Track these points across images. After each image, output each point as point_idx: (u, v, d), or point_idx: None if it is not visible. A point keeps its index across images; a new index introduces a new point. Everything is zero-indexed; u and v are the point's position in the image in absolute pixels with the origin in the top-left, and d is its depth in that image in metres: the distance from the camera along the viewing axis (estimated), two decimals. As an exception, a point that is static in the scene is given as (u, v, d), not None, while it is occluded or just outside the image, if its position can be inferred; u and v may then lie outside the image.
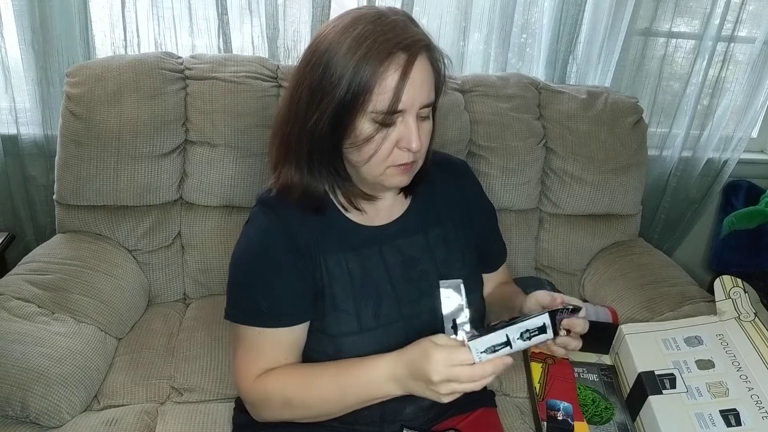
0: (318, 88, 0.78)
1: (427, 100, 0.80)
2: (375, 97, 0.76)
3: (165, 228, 1.49)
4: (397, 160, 0.82)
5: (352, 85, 0.76)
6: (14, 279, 1.28)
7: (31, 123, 1.65)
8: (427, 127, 0.84)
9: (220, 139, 1.46)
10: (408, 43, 0.76)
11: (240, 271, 0.90)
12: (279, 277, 0.87)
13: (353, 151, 0.82)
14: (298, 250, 0.88)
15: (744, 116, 1.97)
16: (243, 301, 0.90)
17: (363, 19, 0.77)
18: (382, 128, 0.79)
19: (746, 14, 1.83)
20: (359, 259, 0.91)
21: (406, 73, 0.76)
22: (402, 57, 0.76)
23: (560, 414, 1.08)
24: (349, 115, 0.78)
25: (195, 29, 1.66)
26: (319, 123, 0.80)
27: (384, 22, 0.77)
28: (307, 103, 0.80)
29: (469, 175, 1.07)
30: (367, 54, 0.75)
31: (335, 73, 0.77)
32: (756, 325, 1.18)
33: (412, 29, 0.79)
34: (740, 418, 1.03)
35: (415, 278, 0.94)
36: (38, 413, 1.06)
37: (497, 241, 1.14)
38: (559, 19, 1.77)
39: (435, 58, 0.81)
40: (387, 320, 0.90)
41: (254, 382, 0.89)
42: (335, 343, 0.89)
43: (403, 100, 0.77)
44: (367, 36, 0.75)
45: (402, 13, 0.81)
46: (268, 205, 0.91)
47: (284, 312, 0.88)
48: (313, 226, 0.89)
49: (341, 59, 0.76)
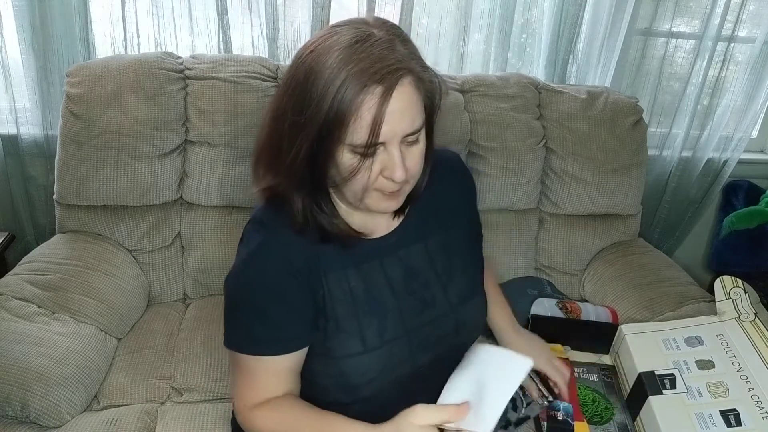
0: (297, 120, 0.75)
1: (410, 129, 0.75)
2: (351, 131, 0.72)
3: (165, 228, 1.49)
4: (383, 187, 0.78)
5: (327, 119, 0.72)
6: (14, 279, 1.28)
7: (31, 123, 1.65)
8: (416, 151, 0.78)
9: (220, 139, 1.46)
10: (385, 74, 0.70)
11: (236, 297, 0.87)
12: (278, 304, 0.84)
13: (338, 180, 0.78)
14: (298, 272, 0.83)
15: (744, 116, 1.97)
16: (240, 328, 0.86)
17: (340, 44, 0.72)
18: (363, 159, 0.75)
19: (746, 14, 1.83)
20: (360, 275, 0.88)
21: (382, 107, 0.71)
22: (378, 89, 0.70)
23: (560, 414, 1.08)
24: (328, 148, 0.74)
25: (195, 29, 1.66)
26: (299, 156, 0.76)
27: (362, 48, 0.71)
28: (288, 134, 0.77)
29: (463, 171, 1.04)
30: (342, 86, 0.70)
31: (312, 106, 0.73)
32: (756, 326, 1.18)
33: (393, 53, 0.72)
34: (740, 419, 1.03)
35: (416, 289, 0.91)
36: (38, 413, 1.06)
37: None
38: (559, 19, 1.77)
39: (423, 80, 0.75)
40: (391, 336, 0.88)
41: (249, 412, 0.88)
42: (339, 365, 0.86)
43: (382, 133, 0.72)
44: (342, 66, 0.70)
45: (389, 29, 0.75)
46: (261, 224, 0.86)
47: (284, 338, 0.85)
48: (310, 241, 0.85)
49: (317, 90, 0.72)
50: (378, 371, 0.87)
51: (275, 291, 0.83)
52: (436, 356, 0.92)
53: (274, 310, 0.84)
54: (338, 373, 0.86)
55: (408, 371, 0.90)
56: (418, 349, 0.90)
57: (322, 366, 0.88)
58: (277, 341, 0.85)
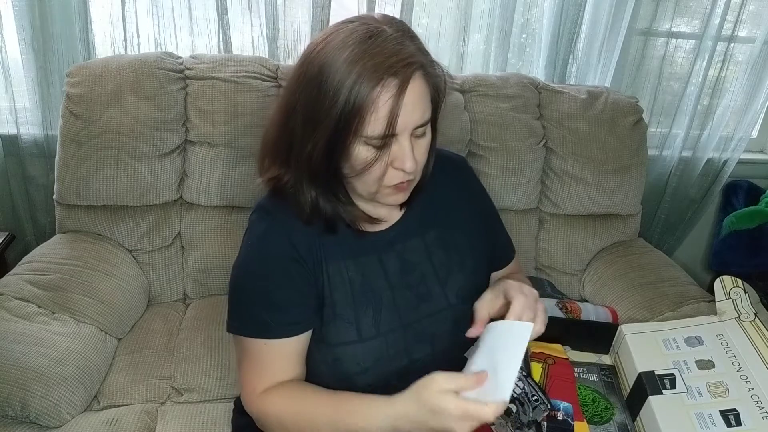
0: (311, 116, 0.77)
1: (421, 121, 0.78)
2: (368, 123, 0.75)
3: (165, 228, 1.49)
4: (392, 179, 0.81)
5: (344, 112, 0.74)
6: (14, 279, 1.28)
7: (31, 123, 1.65)
8: (423, 143, 0.82)
9: (220, 139, 1.46)
10: (399, 68, 0.74)
11: (243, 283, 0.88)
12: (284, 287, 0.86)
13: (349, 172, 0.81)
14: (301, 257, 0.86)
15: (744, 116, 1.97)
16: (247, 313, 0.88)
17: (353, 39, 0.75)
18: (379, 151, 0.78)
19: (746, 14, 1.83)
20: (358, 267, 0.90)
21: (398, 99, 0.74)
22: (393, 82, 0.74)
23: (560, 414, 1.08)
24: (344, 141, 0.77)
25: (195, 29, 1.66)
26: (314, 151, 0.78)
27: (375, 43, 0.74)
28: (302, 130, 0.79)
29: (468, 172, 1.06)
30: (358, 80, 0.73)
31: (327, 101, 0.75)
32: (756, 325, 1.18)
33: (406, 49, 0.75)
34: (740, 418, 1.03)
35: (413, 283, 0.93)
36: (38, 413, 1.06)
37: (501, 236, 1.11)
38: (559, 19, 1.77)
39: (431, 75, 0.79)
40: (387, 328, 0.89)
41: (258, 397, 0.88)
42: (334, 352, 0.87)
43: (397, 125, 0.75)
44: (357, 60, 0.73)
45: (397, 26, 0.78)
46: (265, 211, 0.89)
47: (292, 321, 0.86)
48: (313, 230, 0.87)
49: (333, 85, 0.74)
50: (372, 361, 0.87)
51: (281, 275, 0.85)
52: (434, 351, 0.92)
53: (281, 294, 0.85)
54: (332, 360, 0.88)
55: (404, 364, 0.90)
56: (413, 343, 0.91)
57: (317, 352, 0.89)
58: (284, 324, 0.86)
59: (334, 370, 0.88)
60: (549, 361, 1.21)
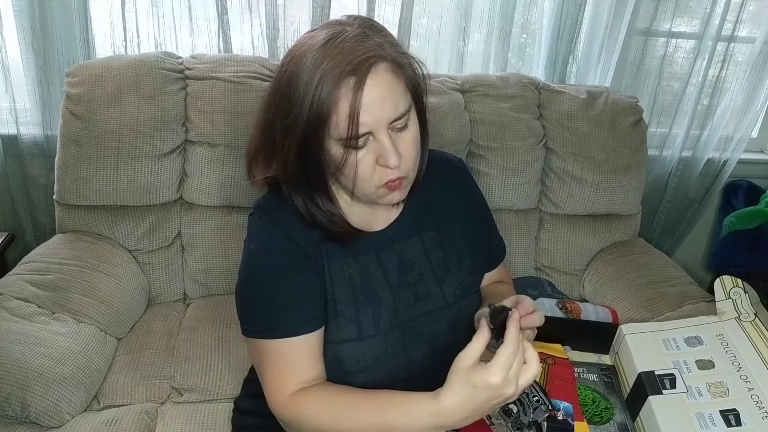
0: (287, 126, 0.78)
1: (395, 114, 0.76)
2: (334, 125, 0.74)
3: (165, 228, 1.49)
4: (382, 178, 0.79)
5: (309, 118, 0.74)
6: (14, 279, 1.28)
7: (31, 123, 1.65)
8: (406, 137, 0.79)
9: (220, 139, 1.46)
10: (356, 64, 0.73)
11: (253, 285, 0.87)
12: (294, 284, 0.85)
13: (339, 176, 0.81)
14: (305, 253, 0.86)
15: (744, 116, 1.97)
16: (262, 315, 0.86)
17: (313, 48, 0.75)
18: (353, 150, 0.77)
19: (746, 14, 1.83)
20: (358, 266, 0.90)
21: (356, 97, 0.73)
22: (351, 80, 0.73)
23: (560, 414, 1.08)
24: (317, 146, 0.77)
25: (195, 29, 1.66)
26: (289, 158, 0.79)
27: (333, 44, 0.74)
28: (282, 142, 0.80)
29: (464, 173, 1.05)
30: (319, 84, 0.73)
31: (295, 110, 0.75)
32: (756, 325, 1.18)
33: (363, 44, 0.74)
34: (740, 418, 1.03)
35: (410, 282, 0.93)
36: (38, 413, 1.06)
37: (495, 237, 1.12)
38: (559, 19, 1.77)
39: (400, 65, 0.77)
40: (386, 327, 0.89)
41: (288, 400, 0.84)
42: (334, 349, 0.87)
43: (365, 123, 0.74)
44: (318, 65, 0.73)
45: (360, 23, 0.77)
46: (264, 211, 0.89)
47: (306, 317, 0.85)
48: (313, 228, 0.87)
49: (299, 93, 0.75)
50: (372, 360, 0.87)
51: (291, 272, 0.85)
52: (432, 352, 0.92)
53: (292, 291, 0.85)
54: (333, 357, 0.87)
55: (403, 364, 0.90)
56: (411, 342, 0.91)
57: None
58: (300, 321, 0.85)
59: (335, 368, 0.88)
60: (549, 361, 1.21)
